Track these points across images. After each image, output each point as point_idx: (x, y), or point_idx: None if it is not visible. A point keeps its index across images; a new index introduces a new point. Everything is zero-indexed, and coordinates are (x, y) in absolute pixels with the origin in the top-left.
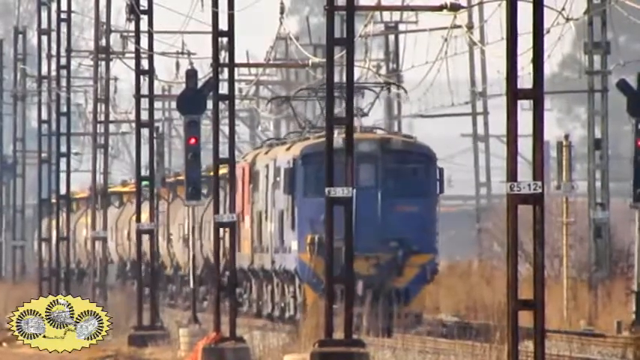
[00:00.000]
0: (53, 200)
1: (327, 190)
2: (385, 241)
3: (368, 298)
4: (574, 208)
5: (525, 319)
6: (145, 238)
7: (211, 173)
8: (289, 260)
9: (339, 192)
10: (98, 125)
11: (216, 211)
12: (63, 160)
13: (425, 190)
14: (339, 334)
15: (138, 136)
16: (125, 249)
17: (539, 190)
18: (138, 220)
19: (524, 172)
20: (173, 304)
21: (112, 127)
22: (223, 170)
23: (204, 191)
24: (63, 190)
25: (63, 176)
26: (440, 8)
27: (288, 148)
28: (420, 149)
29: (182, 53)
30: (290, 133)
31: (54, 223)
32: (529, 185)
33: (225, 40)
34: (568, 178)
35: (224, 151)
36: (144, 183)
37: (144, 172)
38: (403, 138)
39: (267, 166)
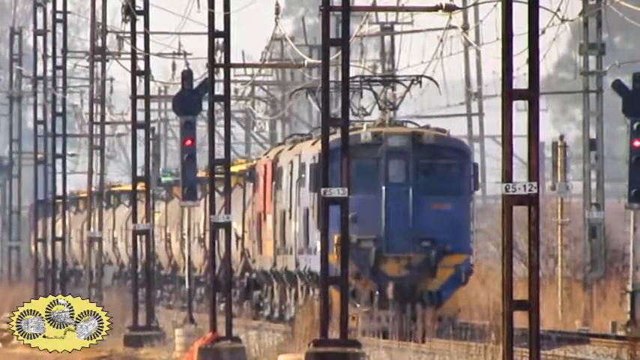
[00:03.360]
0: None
1: (322, 190)
2: (417, 240)
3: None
4: (569, 209)
5: (521, 319)
6: (173, 240)
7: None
8: (315, 261)
9: (335, 192)
10: (94, 126)
11: (212, 211)
12: (59, 161)
13: (459, 187)
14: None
15: (134, 137)
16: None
17: (535, 191)
18: (134, 220)
19: (520, 172)
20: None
21: (108, 128)
22: (241, 167)
23: (220, 188)
24: (61, 192)
25: (59, 177)
26: (435, 9)
27: (313, 143)
28: (453, 144)
29: (178, 54)
30: (315, 128)
31: (55, 223)
32: (524, 186)
33: (221, 40)
34: (563, 178)
35: (220, 152)
36: (164, 179)
37: (140, 173)
38: (435, 132)
39: (291, 163)
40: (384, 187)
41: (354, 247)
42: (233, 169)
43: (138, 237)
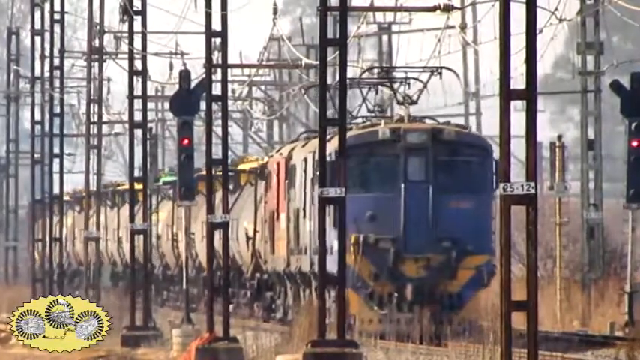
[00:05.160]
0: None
1: (320, 190)
2: (437, 240)
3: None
4: (567, 209)
5: (519, 320)
6: (180, 240)
7: (238, 167)
8: (331, 262)
9: (332, 192)
10: (91, 126)
11: (210, 211)
12: (56, 161)
13: (480, 185)
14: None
15: (131, 137)
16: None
17: (533, 191)
18: (131, 220)
19: (517, 172)
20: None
21: (105, 128)
22: (252, 165)
23: (230, 186)
24: (58, 192)
25: (56, 177)
26: (433, 9)
27: (329, 140)
28: (475, 140)
29: (175, 54)
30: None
31: (52, 223)
32: (522, 186)
33: (218, 40)
34: (561, 178)
35: (217, 152)
36: (167, 179)
37: (137, 173)
38: (456, 128)
39: (305, 160)
40: (402, 186)
41: (372, 247)
42: (243, 166)
43: (137, 237)
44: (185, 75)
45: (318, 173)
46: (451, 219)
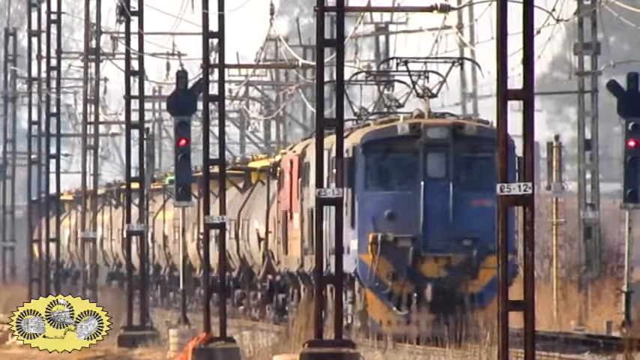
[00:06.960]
0: (65, 198)
1: (317, 190)
2: (457, 239)
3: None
4: (564, 209)
5: (516, 320)
6: (189, 241)
7: (248, 165)
8: (348, 262)
9: (330, 193)
10: (88, 126)
11: (207, 212)
12: (53, 161)
13: None
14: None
15: (128, 137)
16: (155, 252)
17: (530, 192)
18: (128, 220)
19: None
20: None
21: (102, 128)
22: (263, 163)
23: (240, 185)
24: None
25: (53, 177)
26: (430, 9)
27: (346, 136)
28: (496, 136)
29: (172, 54)
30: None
31: (62, 223)
32: (519, 186)
33: (215, 41)
34: (558, 178)
35: (214, 152)
36: (173, 178)
37: (134, 174)
38: (477, 123)
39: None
40: (422, 183)
41: (391, 246)
42: (254, 164)
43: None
44: (182, 75)
45: (334, 170)
46: (472, 217)
